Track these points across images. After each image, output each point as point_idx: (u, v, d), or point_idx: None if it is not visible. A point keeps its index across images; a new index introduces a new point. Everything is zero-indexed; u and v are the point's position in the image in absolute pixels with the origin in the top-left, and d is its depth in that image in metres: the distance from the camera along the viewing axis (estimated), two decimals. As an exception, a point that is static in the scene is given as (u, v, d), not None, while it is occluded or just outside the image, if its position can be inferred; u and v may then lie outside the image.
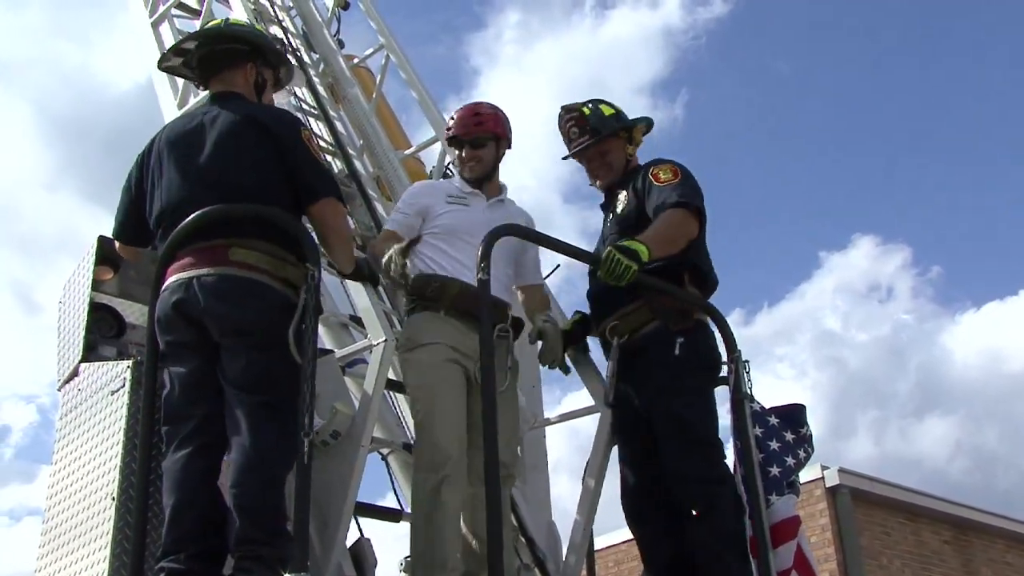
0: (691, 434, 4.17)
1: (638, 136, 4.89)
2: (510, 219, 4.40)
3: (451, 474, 3.96)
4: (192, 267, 3.69)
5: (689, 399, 4.23)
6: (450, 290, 4.27)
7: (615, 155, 4.78)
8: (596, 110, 4.79)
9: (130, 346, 5.02)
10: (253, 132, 3.89)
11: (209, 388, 3.66)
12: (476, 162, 4.60)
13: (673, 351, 4.25)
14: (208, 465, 3.60)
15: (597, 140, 4.74)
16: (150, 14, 7.54)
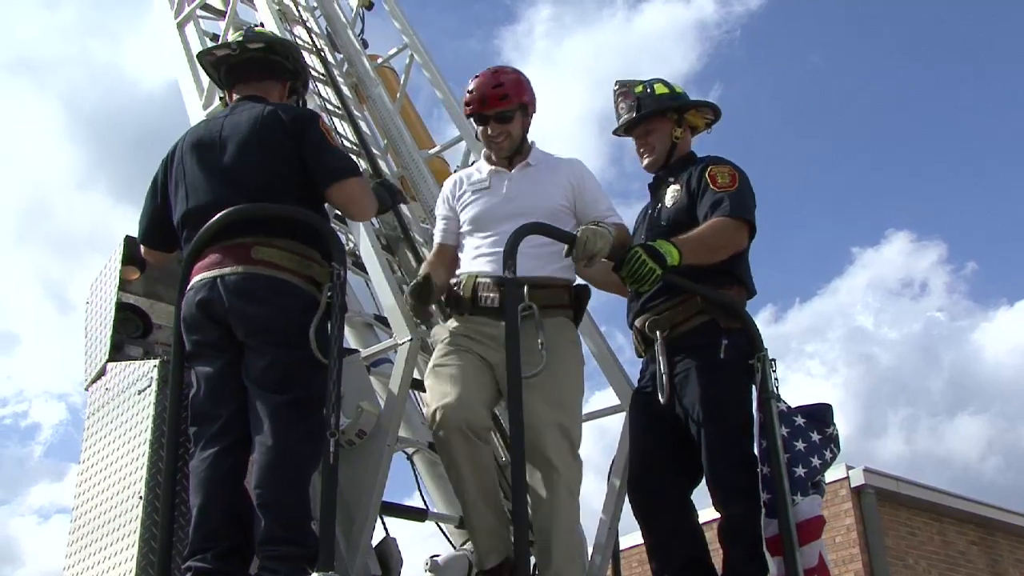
0: (733, 445, 4.12)
1: (695, 120, 4.68)
2: (540, 182, 4.27)
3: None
4: (216, 266, 3.71)
5: (733, 407, 4.15)
6: (466, 288, 4.15)
7: (659, 136, 4.58)
8: (648, 88, 4.61)
9: (156, 346, 5.04)
10: (274, 131, 3.91)
11: (234, 387, 3.68)
12: (505, 138, 4.31)
13: (718, 353, 4.15)
14: (234, 464, 3.62)
15: (640, 117, 4.56)
16: (175, 15, 7.58)
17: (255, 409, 3.58)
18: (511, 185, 4.30)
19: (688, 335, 4.23)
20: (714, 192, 4.26)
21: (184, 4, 7.59)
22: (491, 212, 4.24)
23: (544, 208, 4.16)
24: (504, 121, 4.28)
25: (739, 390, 4.18)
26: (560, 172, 4.34)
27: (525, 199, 4.22)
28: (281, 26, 7.01)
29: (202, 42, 7.31)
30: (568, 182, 4.31)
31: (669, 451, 4.24)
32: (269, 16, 6.97)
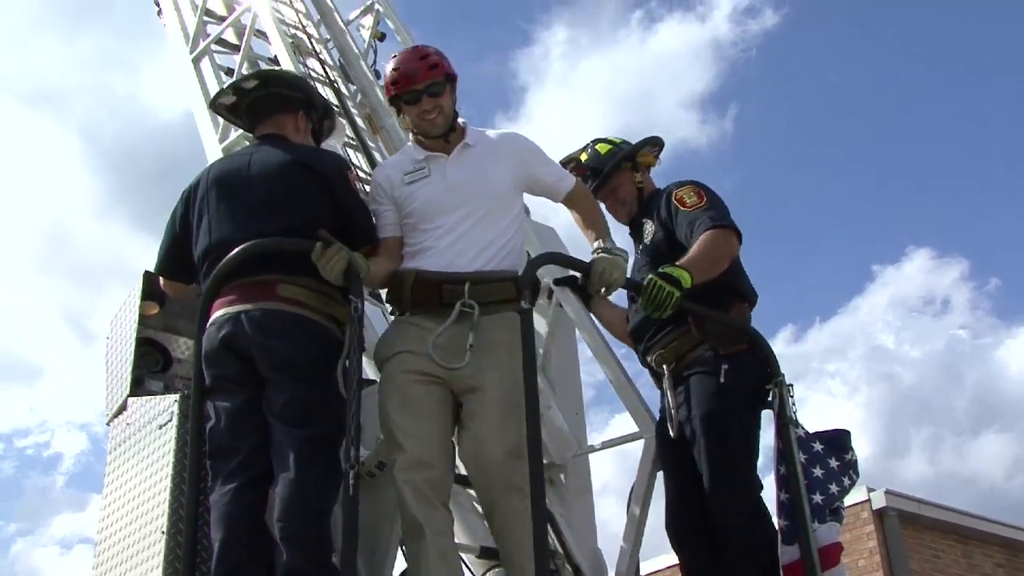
0: (733, 470, 4.09)
1: (646, 160, 4.76)
2: (483, 165, 4.02)
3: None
4: (240, 302, 3.74)
5: (732, 432, 4.12)
6: (406, 283, 3.86)
7: (625, 189, 4.67)
8: (592, 151, 4.73)
9: (176, 380, 5.08)
10: (300, 171, 3.96)
11: (255, 422, 3.70)
12: (438, 113, 4.00)
13: (718, 379, 4.13)
14: (255, 498, 3.64)
15: (601, 181, 4.65)
16: (191, 50, 7.66)
17: (276, 443, 3.61)
18: (452, 171, 4.01)
19: (691, 365, 4.25)
20: (687, 213, 4.29)
21: (199, 40, 7.68)
22: (433, 202, 3.96)
23: (490, 192, 3.97)
24: (436, 95, 4.00)
25: (740, 413, 4.16)
26: (501, 150, 4.10)
27: (469, 186, 3.97)
28: (295, 59, 7.09)
29: (217, 77, 7.39)
30: (511, 158, 4.08)
31: (695, 484, 4.21)
32: (283, 49, 7.06)
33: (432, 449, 3.67)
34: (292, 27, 7.86)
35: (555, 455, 5.01)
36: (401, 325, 3.91)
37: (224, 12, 8.26)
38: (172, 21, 8.08)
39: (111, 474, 4.59)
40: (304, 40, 7.97)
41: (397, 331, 3.91)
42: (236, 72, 7.33)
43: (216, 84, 7.25)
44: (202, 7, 7.94)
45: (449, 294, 3.77)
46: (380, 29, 8.20)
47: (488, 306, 3.77)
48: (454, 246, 3.86)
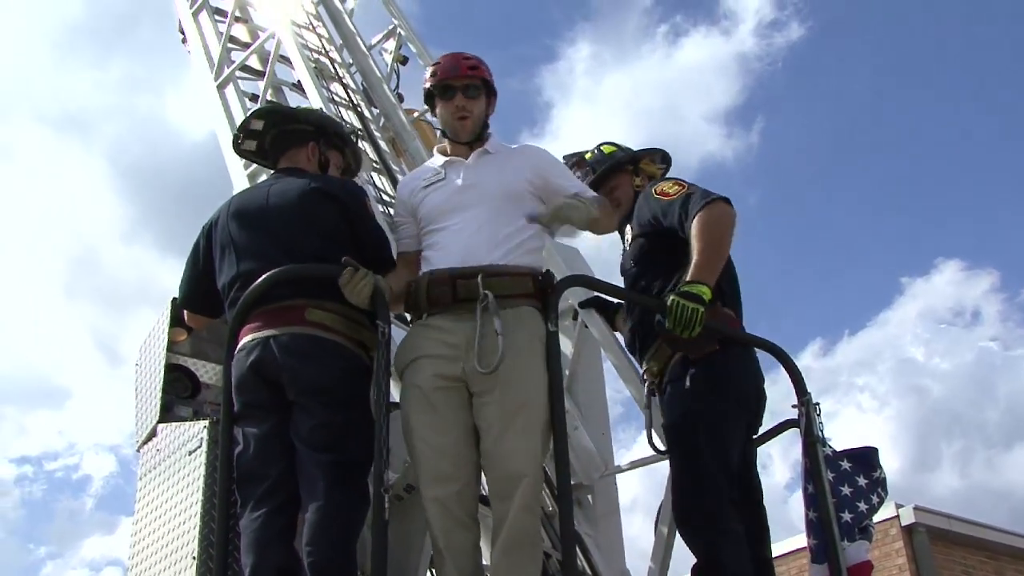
0: (697, 478, 3.95)
1: (649, 168, 4.72)
2: (498, 168, 4.00)
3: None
4: (268, 327, 3.78)
5: (699, 432, 3.97)
6: (421, 286, 3.82)
7: (622, 190, 4.62)
8: (597, 151, 4.74)
9: (205, 406, 5.12)
10: (318, 199, 4.01)
11: (283, 447, 3.72)
12: (469, 116, 4.03)
13: (684, 384, 4.04)
14: (284, 524, 3.66)
15: (600, 176, 4.62)
16: (215, 77, 7.72)
17: (304, 469, 3.63)
18: (467, 172, 4.01)
19: (668, 374, 4.18)
20: (673, 201, 4.17)
21: (223, 67, 7.74)
22: (449, 201, 3.95)
23: (503, 192, 3.92)
24: (472, 97, 4.04)
25: (704, 414, 3.99)
26: (519, 158, 4.09)
27: (482, 186, 3.95)
28: (318, 83, 7.14)
29: (241, 103, 7.44)
30: (529, 165, 4.05)
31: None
32: (306, 74, 7.11)
33: (455, 460, 3.62)
34: (315, 52, 7.91)
35: (582, 476, 5.03)
36: (417, 329, 3.87)
37: (248, 39, 8.35)
38: (197, 49, 8.15)
39: (142, 499, 4.63)
40: (327, 65, 8.04)
41: (413, 337, 3.86)
42: (260, 98, 7.41)
43: (241, 110, 7.31)
44: (226, 35, 8.03)
45: (464, 289, 3.71)
46: (402, 53, 8.30)
47: (504, 300, 3.67)
48: (467, 242, 3.82)
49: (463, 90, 4.03)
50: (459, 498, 3.61)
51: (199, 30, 8.30)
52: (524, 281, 3.78)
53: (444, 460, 3.62)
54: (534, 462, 3.57)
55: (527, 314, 3.71)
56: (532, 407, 3.58)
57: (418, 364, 3.73)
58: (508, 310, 3.64)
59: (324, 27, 8.66)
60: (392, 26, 8.44)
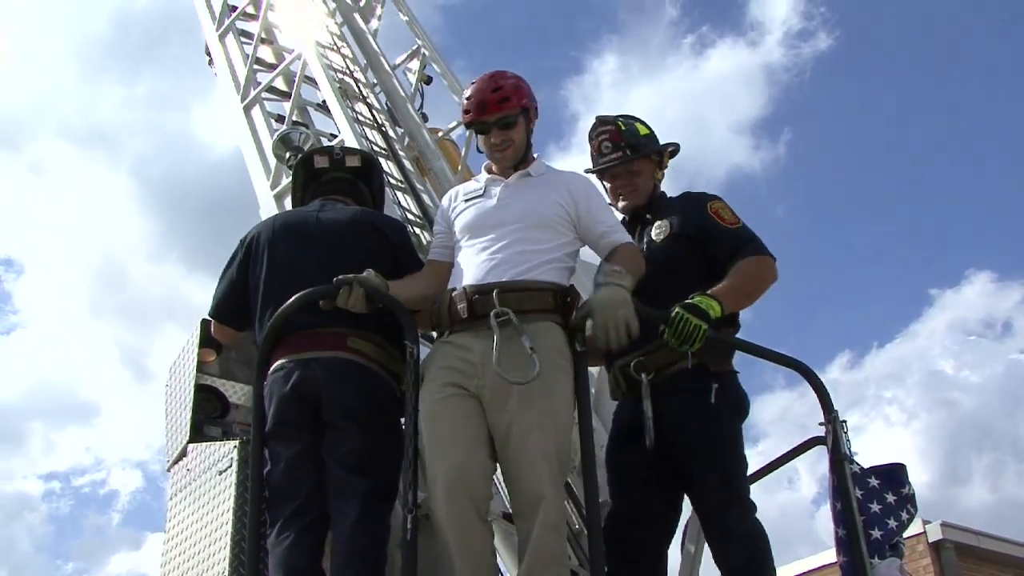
0: (734, 490, 4.00)
1: (667, 161, 4.61)
2: (537, 190, 3.97)
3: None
4: (310, 349, 3.84)
5: (730, 452, 4.04)
6: (443, 306, 3.80)
7: (645, 178, 4.46)
8: (631, 127, 4.50)
9: (234, 425, 5.16)
10: (368, 231, 4.15)
11: (313, 467, 3.76)
12: (509, 146, 4.01)
13: (709, 398, 4.00)
14: (313, 543, 3.70)
15: (631, 158, 4.42)
16: (242, 98, 7.80)
17: (336, 490, 3.67)
18: (505, 191, 4.00)
19: (675, 378, 4.05)
20: (729, 229, 4.19)
21: (250, 88, 7.82)
22: (480, 219, 3.95)
23: (538, 214, 3.89)
24: (506, 127, 3.99)
25: (733, 434, 4.08)
26: (561, 183, 4.04)
27: (518, 204, 3.93)
28: (343, 103, 7.20)
29: (268, 124, 7.50)
30: (569, 192, 3.98)
31: (651, 502, 4.09)
32: (331, 95, 7.17)
33: (467, 449, 3.54)
34: (340, 72, 7.97)
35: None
36: (438, 347, 3.85)
37: (273, 60, 8.43)
38: (223, 70, 8.24)
39: (172, 519, 4.66)
40: (352, 85, 8.09)
41: (433, 354, 3.85)
42: (287, 119, 7.46)
43: (267, 131, 7.37)
44: (252, 56, 8.10)
45: (480, 305, 3.68)
46: (426, 72, 8.33)
47: (523, 315, 3.61)
48: (490, 260, 3.80)
49: (497, 124, 3.98)
50: (467, 480, 3.49)
51: (225, 52, 8.39)
52: (544, 296, 3.73)
53: (456, 451, 3.53)
54: (555, 480, 3.51)
55: (546, 329, 3.66)
56: (552, 424, 3.53)
57: (432, 377, 3.70)
58: (526, 325, 3.59)
59: (348, 47, 8.73)
60: (416, 46, 8.49)
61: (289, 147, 6.12)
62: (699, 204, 4.31)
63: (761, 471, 4.82)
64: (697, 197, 4.40)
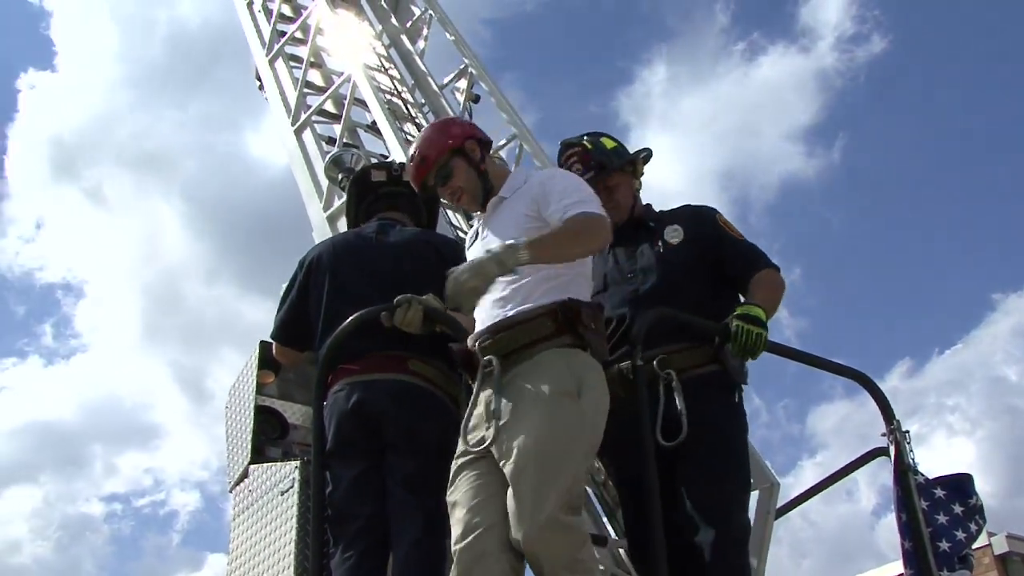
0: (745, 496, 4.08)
1: (641, 168, 4.59)
2: (506, 214, 3.77)
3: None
4: (372, 371, 3.88)
5: (744, 453, 4.11)
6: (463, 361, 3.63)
7: (622, 191, 4.46)
8: (598, 143, 4.48)
9: (294, 446, 5.19)
10: (426, 251, 4.17)
11: (374, 488, 3.79)
12: (460, 194, 3.88)
13: (734, 399, 4.14)
14: (376, 564, 3.71)
15: (604, 174, 4.38)
16: (292, 122, 7.88)
17: (398, 511, 3.69)
18: (485, 226, 3.84)
19: (702, 381, 4.04)
20: (740, 243, 4.36)
21: (300, 112, 7.89)
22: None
23: (510, 238, 3.49)
24: (445, 180, 3.84)
25: (745, 437, 4.18)
26: (527, 192, 3.77)
27: (494, 235, 3.71)
28: (393, 124, 7.24)
29: (319, 146, 7.57)
30: (532, 198, 3.71)
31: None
32: (382, 116, 7.21)
33: (484, 513, 3.25)
34: (388, 93, 8.04)
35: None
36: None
37: (322, 83, 8.51)
38: (273, 95, 8.32)
39: (235, 540, 4.70)
40: (400, 105, 8.16)
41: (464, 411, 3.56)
42: (337, 141, 7.53)
43: (318, 153, 7.44)
44: (302, 80, 8.19)
45: (479, 354, 3.49)
46: (474, 91, 8.37)
47: (521, 352, 3.42)
48: (489, 301, 3.55)
49: (437, 183, 3.86)
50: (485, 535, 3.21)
51: (275, 76, 8.48)
52: (540, 324, 3.45)
53: (472, 514, 3.26)
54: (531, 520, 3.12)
55: (546, 361, 3.40)
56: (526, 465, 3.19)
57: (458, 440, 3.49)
58: (525, 363, 3.40)
59: (396, 68, 8.81)
60: (463, 65, 8.54)
61: (341, 168, 6.18)
62: (708, 215, 4.44)
63: (823, 483, 4.80)
64: (702, 209, 4.52)
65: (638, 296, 4.23)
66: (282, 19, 8.93)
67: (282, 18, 8.93)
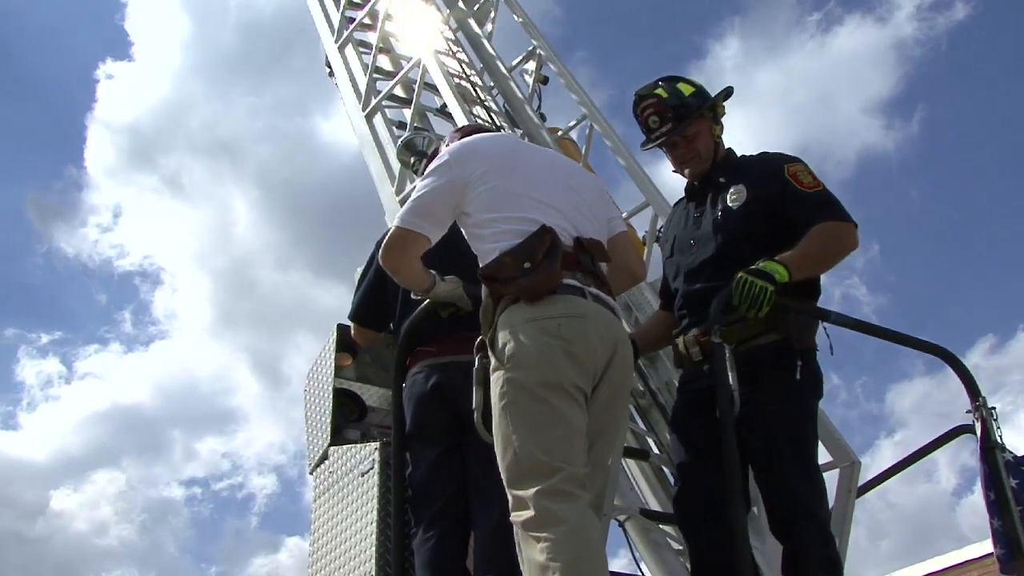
0: (812, 468, 3.85)
1: (722, 111, 4.33)
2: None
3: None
4: (451, 353, 3.88)
5: (809, 432, 3.88)
6: None
7: (703, 139, 4.22)
8: (674, 90, 4.23)
9: (372, 428, 5.23)
10: None
11: (454, 469, 3.81)
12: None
13: (795, 374, 3.83)
14: (457, 544, 3.75)
15: (683, 126, 4.18)
16: (363, 107, 7.94)
17: (481, 491, 3.71)
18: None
19: (759, 351, 3.86)
20: (808, 193, 3.98)
21: (370, 97, 7.95)
22: None
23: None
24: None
25: (813, 413, 3.94)
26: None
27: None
28: (464, 108, 7.26)
29: (390, 131, 7.64)
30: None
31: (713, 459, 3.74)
32: (453, 100, 7.23)
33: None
34: (457, 77, 8.05)
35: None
36: None
37: (391, 68, 8.56)
38: (344, 80, 8.40)
39: (317, 520, 4.76)
40: (469, 89, 8.16)
41: None
42: (408, 125, 7.57)
43: (389, 138, 7.50)
44: (372, 65, 8.25)
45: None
46: (543, 73, 8.34)
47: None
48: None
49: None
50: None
51: (345, 62, 8.55)
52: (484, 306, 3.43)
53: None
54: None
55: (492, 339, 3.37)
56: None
57: None
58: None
59: (464, 52, 8.81)
60: (532, 47, 8.50)
61: (413, 152, 6.18)
62: (776, 167, 4.09)
63: (905, 461, 4.73)
64: (775, 158, 4.18)
65: (693, 269, 4.10)
66: (351, 6, 9.00)
67: (350, 5, 9.00)
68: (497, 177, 3.51)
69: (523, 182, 3.52)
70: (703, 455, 3.87)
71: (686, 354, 4.04)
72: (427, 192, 3.52)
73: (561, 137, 7.91)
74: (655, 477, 5.41)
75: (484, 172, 3.51)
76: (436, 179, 3.54)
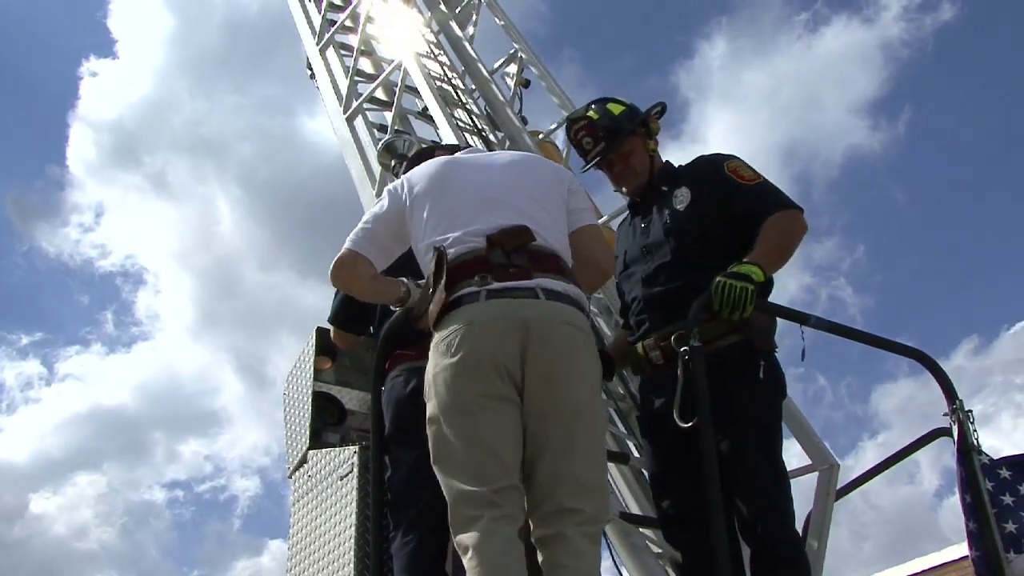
0: (779, 468, 3.86)
1: (655, 126, 4.40)
2: None
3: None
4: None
5: (775, 431, 3.92)
6: None
7: (638, 155, 4.31)
8: (604, 111, 4.35)
9: (351, 432, 5.23)
10: None
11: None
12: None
13: (757, 374, 3.86)
14: (436, 547, 3.73)
15: (614, 144, 4.28)
16: (344, 110, 7.92)
17: None
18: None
19: (723, 352, 3.84)
20: (750, 186, 4.07)
21: (351, 100, 7.94)
22: None
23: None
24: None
25: (779, 412, 3.97)
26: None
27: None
28: (446, 111, 7.26)
29: (371, 134, 7.62)
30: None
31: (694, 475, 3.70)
32: (434, 102, 7.22)
33: None
34: (438, 80, 8.04)
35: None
36: None
37: (373, 71, 8.55)
38: (325, 83, 8.38)
39: (296, 524, 4.75)
40: (450, 92, 8.16)
41: None
42: (389, 128, 7.56)
43: (370, 141, 7.49)
44: (353, 68, 8.23)
45: None
46: (525, 76, 8.36)
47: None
48: None
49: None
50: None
51: (327, 65, 8.53)
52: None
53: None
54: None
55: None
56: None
57: None
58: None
59: (445, 55, 8.81)
60: (513, 50, 8.52)
61: (394, 155, 6.20)
62: (715, 165, 4.18)
63: (883, 464, 4.73)
64: (712, 158, 4.26)
65: (649, 275, 4.12)
66: (332, 8, 8.98)
67: (332, 7, 8.98)
68: (422, 208, 3.49)
69: (447, 202, 3.49)
70: (678, 460, 3.91)
71: (645, 358, 4.06)
72: (373, 218, 3.56)
73: (542, 140, 7.92)
74: (635, 480, 5.40)
75: (412, 202, 3.52)
76: (382, 204, 3.59)
